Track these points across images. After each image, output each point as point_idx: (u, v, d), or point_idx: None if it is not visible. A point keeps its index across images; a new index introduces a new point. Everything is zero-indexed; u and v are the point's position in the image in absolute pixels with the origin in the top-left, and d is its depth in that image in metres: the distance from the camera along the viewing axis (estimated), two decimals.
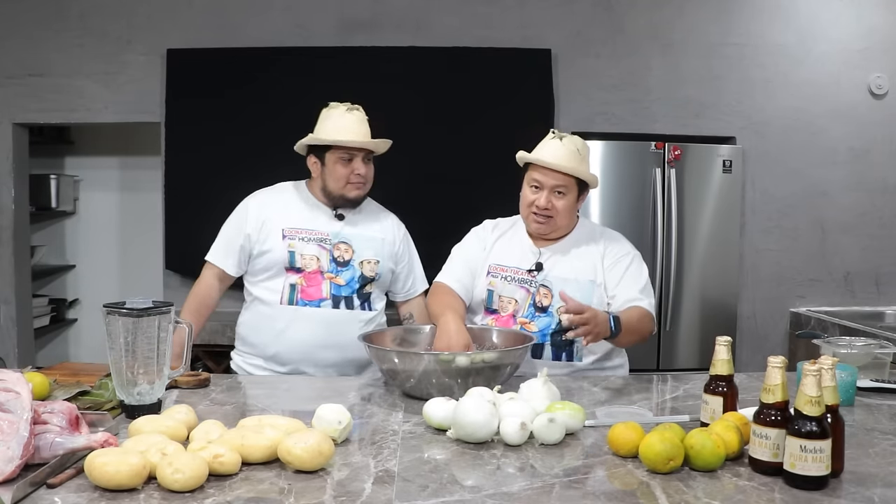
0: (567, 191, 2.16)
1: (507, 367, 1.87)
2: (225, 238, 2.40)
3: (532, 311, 2.18)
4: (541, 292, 2.18)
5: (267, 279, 2.33)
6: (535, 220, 2.19)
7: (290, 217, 2.35)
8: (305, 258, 2.31)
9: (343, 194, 2.34)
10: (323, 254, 2.32)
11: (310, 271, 2.30)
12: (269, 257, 2.32)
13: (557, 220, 2.19)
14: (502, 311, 2.20)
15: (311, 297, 2.30)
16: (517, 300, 2.20)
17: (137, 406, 1.63)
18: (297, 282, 2.30)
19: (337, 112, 2.35)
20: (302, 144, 2.37)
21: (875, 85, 4.06)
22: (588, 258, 2.23)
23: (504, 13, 4.02)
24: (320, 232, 2.34)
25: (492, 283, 2.23)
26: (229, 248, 2.37)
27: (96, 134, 4.79)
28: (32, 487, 1.21)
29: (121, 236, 4.93)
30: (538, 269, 2.20)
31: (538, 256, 2.23)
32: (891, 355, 2.03)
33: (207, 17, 4.00)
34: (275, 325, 2.30)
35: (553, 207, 2.16)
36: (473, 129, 3.88)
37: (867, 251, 4.12)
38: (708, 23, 4.06)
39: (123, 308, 1.63)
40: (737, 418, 1.46)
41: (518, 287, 2.20)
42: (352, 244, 2.35)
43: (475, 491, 1.26)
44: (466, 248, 2.34)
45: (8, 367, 3.58)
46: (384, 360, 1.89)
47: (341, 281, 2.32)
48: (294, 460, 1.31)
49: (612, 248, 2.25)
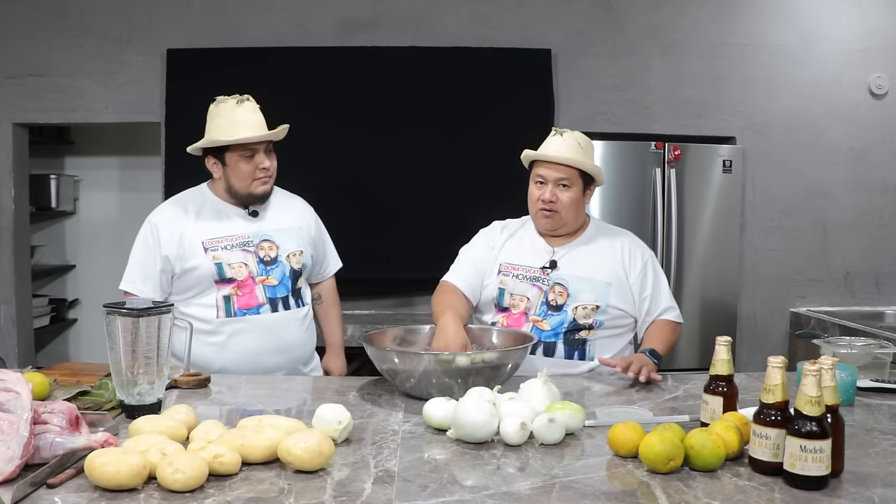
0: (571, 183, 2.18)
1: (507, 366, 1.87)
2: (138, 263, 2.26)
3: (545, 309, 2.18)
4: (555, 290, 2.18)
5: (196, 296, 2.24)
6: (543, 215, 2.21)
7: (204, 227, 2.25)
8: (234, 267, 2.22)
9: (251, 192, 2.26)
10: (249, 257, 2.24)
11: (242, 279, 2.22)
12: (196, 274, 2.22)
13: (563, 214, 2.20)
14: (514, 309, 2.20)
15: (249, 304, 2.23)
16: (529, 298, 2.19)
17: (137, 406, 1.63)
18: (230, 293, 2.22)
19: (227, 107, 2.21)
20: (196, 147, 2.26)
21: (875, 85, 4.06)
22: (604, 256, 2.24)
23: (504, 13, 4.02)
24: (240, 235, 2.25)
25: (503, 282, 2.23)
26: (147, 274, 2.23)
27: (96, 134, 4.78)
28: (32, 487, 1.21)
29: (121, 236, 4.91)
30: (552, 267, 2.21)
31: (552, 255, 2.23)
32: (891, 355, 2.03)
33: (207, 17, 4.00)
34: (215, 339, 2.21)
35: (558, 200, 2.18)
36: (473, 129, 3.88)
37: (867, 251, 4.12)
38: (708, 22, 4.06)
39: (123, 308, 1.63)
40: (737, 418, 1.46)
41: (530, 285, 2.20)
42: (274, 240, 2.28)
43: (475, 491, 1.26)
44: (475, 248, 2.33)
45: (8, 367, 3.58)
46: (384, 360, 1.88)
47: (273, 281, 2.26)
48: (294, 460, 1.31)
49: (633, 251, 2.26)
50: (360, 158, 3.88)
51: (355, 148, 3.89)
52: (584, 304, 2.17)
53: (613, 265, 2.23)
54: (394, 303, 4.11)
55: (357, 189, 3.88)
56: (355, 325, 3.54)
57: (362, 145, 3.88)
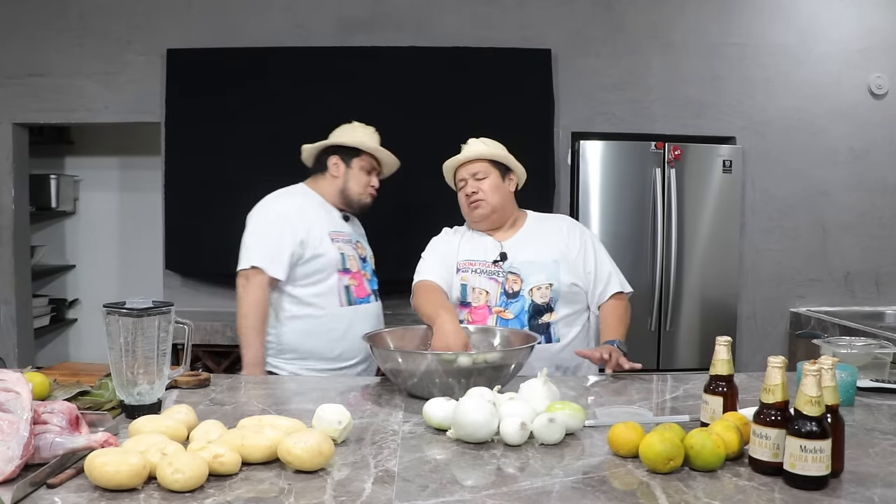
0: (485, 173, 2.37)
1: (511, 367, 1.87)
2: (270, 244, 2.39)
3: (504, 298, 2.29)
4: (510, 279, 2.30)
5: (316, 283, 2.42)
6: (472, 208, 2.38)
7: (329, 220, 2.49)
8: (350, 259, 2.48)
9: (360, 200, 2.54)
10: (355, 253, 2.52)
11: (354, 271, 2.49)
12: (323, 261, 2.42)
13: (489, 199, 2.36)
14: (475, 303, 2.31)
15: (362, 294, 2.50)
16: (489, 291, 2.30)
17: (137, 406, 1.63)
18: (349, 283, 2.45)
19: (363, 126, 2.58)
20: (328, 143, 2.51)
21: (875, 85, 4.06)
22: (547, 239, 2.38)
23: (504, 13, 4.02)
24: (345, 233, 2.53)
25: (464, 278, 2.35)
26: (277, 255, 2.38)
27: (96, 134, 4.79)
28: (32, 487, 1.21)
29: (121, 236, 4.93)
30: (503, 259, 2.33)
31: (500, 248, 2.36)
32: (891, 355, 2.03)
33: (207, 17, 4.01)
34: (337, 326, 2.43)
35: (480, 190, 2.35)
36: (473, 129, 3.86)
37: (867, 251, 4.12)
38: (708, 22, 4.06)
39: (123, 308, 1.63)
40: (737, 418, 1.46)
41: (488, 279, 2.31)
42: (361, 241, 2.60)
43: (475, 491, 1.26)
44: (439, 248, 2.45)
45: (8, 367, 3.58)
46: (387, 359, 1.89)
47: (368, 275, 2.56)
48: (294, 460, 1.31)
49: (572, 230, 2.42)
50: None
51: None
52: (537, 284, 2.29)
53: (557, 244, 2.36)
54: (394, 303, 4.11)
55: None
56: None
57: None
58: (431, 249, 2.45)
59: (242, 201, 2.56)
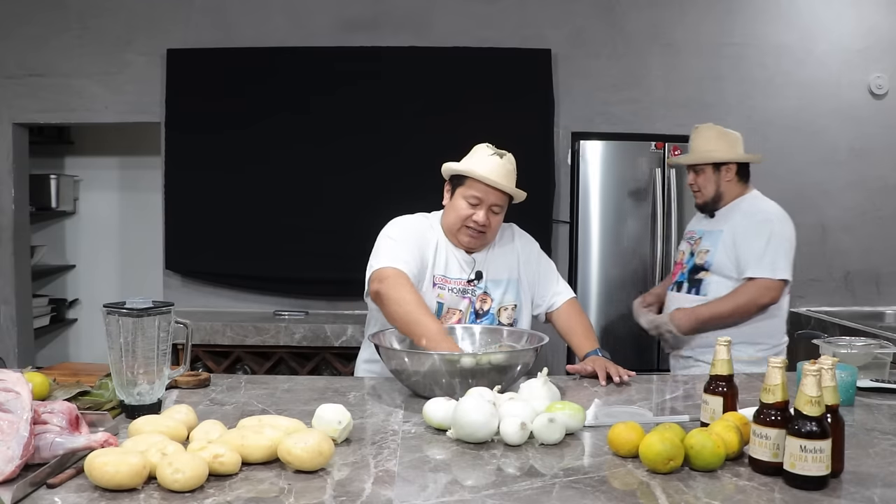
0: (502, 209, 2.19)
1: (517, 367, 1.87)
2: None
3: (473, 317, 2.22)
4: (481, 298, 2.24)
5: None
6: (469, 234, 2.18)
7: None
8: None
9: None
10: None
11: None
12: None
13: (489, 236, 2.22)
14: (446, 322, 2.18)
15: None
16: (461, 309, 2.23)
17: (137, 406, 1.63)
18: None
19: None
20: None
21: (875, 85, 4.06)
22: (508, 257, 2.30)
23: (504, 13, 4.02)
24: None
25: (441, 296, 2.22)
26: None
27: (96, 134, 4.79)
28: (32, 487, 1.21)
29: (121, 236, 4.93)
30: (479, 278, 2.24)
31: (473, 265, 2.25)
32: (891, 355, 2.03)
33: (207, 17, 4.01)
34: None
35: (489, 224, 2.17)
36: (473, 129, 3.86)
37: (867, 251, 4.12)
38: (709, 23, 4.06)
39: (123, 308, 1.63)
40: (737, 418, 1.46)
41: (461, 298, 2.23)
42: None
43: (475, 491, 1.26)
44: (413, 237, 2.21)
45: (8, 367, 3.58)
46: (393, 357, 1.89)
47: None
48: (294, 460, 1.31)
49: (525, 244, 2.35)
50: (360, 158, 3.89)
51: (355, 148, 3.89)
52: (506, 304, 2.25)
53: (518, 262, 2.30)
54: None
55: (357, 188, 3.88)
56: (355, 324, 3.53)
57: (362, 145, 3.89)
58: (404, 233, 2.21)
59: (242, 201, 2.55)
